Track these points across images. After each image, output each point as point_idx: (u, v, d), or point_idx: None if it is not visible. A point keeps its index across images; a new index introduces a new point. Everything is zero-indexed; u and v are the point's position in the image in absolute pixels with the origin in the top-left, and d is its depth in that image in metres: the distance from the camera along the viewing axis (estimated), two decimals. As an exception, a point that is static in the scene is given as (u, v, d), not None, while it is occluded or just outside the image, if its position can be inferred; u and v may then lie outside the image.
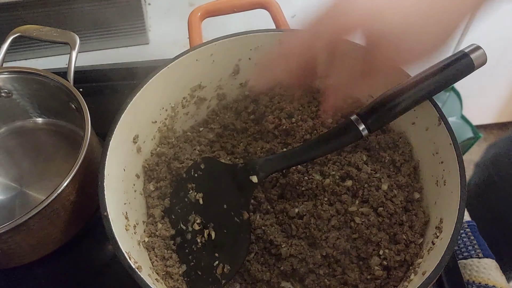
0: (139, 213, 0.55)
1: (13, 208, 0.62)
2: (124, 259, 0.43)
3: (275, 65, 0.46)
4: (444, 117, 0.52)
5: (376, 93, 0.61)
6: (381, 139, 0.60)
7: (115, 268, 0.60)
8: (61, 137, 0.69)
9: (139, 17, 0.83)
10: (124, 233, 0.49)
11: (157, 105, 0.59)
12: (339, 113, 0.62)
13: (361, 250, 0.52)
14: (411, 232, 0.52)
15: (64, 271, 0.60)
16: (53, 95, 0.63)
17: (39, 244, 0.55)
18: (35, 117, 0.70)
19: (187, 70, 0.59)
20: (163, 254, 0.52)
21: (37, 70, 0.62)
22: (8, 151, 0.68)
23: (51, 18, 0.79)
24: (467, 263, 0.60)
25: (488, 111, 1.67)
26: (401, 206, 0.54)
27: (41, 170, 0.66)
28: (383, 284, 0.50)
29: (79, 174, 0.53)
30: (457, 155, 0.49)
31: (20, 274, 0.59)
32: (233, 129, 0.64)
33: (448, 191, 0.49)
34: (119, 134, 0.52)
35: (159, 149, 0.60)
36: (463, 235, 0.63)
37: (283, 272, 0.52)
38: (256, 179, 0.50)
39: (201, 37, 0.65)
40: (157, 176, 0.58)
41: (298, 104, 0.63)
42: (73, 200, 0.54)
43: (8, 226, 0.49)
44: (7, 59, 0.65)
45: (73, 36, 0.64)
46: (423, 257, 0.49)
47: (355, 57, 0.42)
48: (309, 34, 0.42)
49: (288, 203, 0.55)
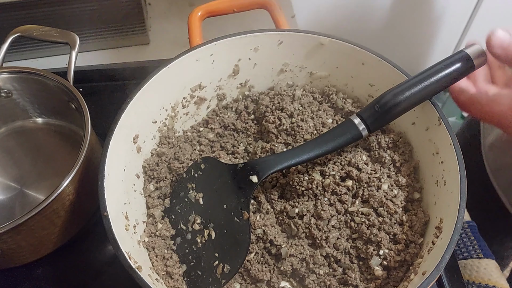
0: (139, 213, 0.55)
1: (13, 208, 0.62)
2: (124, 259, 0.43)
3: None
4: (444, 117, 0.52)
5: (376, 93, 0.62)
6: (381, 139, 0.60)
7: (115, 268, 0.60)
8: (61, 137, 0.69)
9: (139, 17, 0.83)
10: (124, 233, 0.49)
11: (157, 105, 0.59)
12: (339, 114, 0.62)
13: (361, 250, 0.52)
14: (411, 232, 0.52)
15: (64, 271, 0.60)
16: (53, 95, 0.63)
17: (39, 244, 0.55)
18: (35, 117, 0.70)
19: (187, 70, 0.59)
20: (163, 254, 0.52)
21: (37, 70, 0.62)
22: (8, 151, 0.68)
23: (51, 18, 0.79)
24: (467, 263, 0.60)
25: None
26: (401, 206, 0.54)
27: (41, 170, 0.66)
28: (383, 284, 0.50)
29: (79, 174, 0.53)
30: (457, 155, 0.49)
31: (20, 274, 0.59)
32: (233, 129, 0.64)
33: (448, 191, 0.49)
34: (119, 134, 0.52)
35: (159, 149, 0.60)
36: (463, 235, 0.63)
37: (283, 272, 0.52)
38: (256, 179, 0.50)
39: (201, 37, 0.65)
40: (157, 176, 0.58)
41: (298, 104, 0.63)
42: (73, 200, 0.54)
43: (8, 226, 0.49)
44: (7, 59, 0.65)
45: (73, 36, 0.64)
46: (423, 257, 0.49)
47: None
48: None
49: (288, 203, 0.55)
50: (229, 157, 0.61)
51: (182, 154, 0.59)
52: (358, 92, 0.64)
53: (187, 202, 0.54)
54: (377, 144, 0.59)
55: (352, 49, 0.60)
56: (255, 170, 0.51)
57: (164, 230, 0.54)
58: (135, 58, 0.85)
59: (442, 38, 1.33)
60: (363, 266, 0.52)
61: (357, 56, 0.60)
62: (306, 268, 0.51)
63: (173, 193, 0.57)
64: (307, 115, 0.62)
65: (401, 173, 0.57)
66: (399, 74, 0.57)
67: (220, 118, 0.64)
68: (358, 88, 0.64)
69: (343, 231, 0.53)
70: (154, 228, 0.54)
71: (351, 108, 0.63)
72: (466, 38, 1.32)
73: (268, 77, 0.66)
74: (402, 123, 0.60)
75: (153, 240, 0.53)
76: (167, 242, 0.54)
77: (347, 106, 0.63)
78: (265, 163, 0.51)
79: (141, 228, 0.54)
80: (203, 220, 0.53)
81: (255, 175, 0.50)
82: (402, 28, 1.27)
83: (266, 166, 0.51)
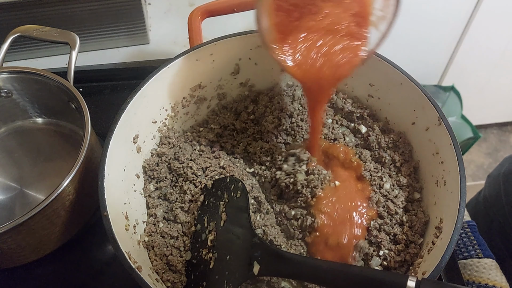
0: (139, 213, 0.55)
1: (13, 208, 0.62)
2: (124, 259, 0.43)
3: None
4: (444, 117, 0.52)
5: (376, 93, 0.62)
6: (381, 139, 0.60)
7: (115, 268, 0.60)
8: (61, 137, 0.69)
9: (139, 17, 0.83)
10: (124, 233, 0.49)
11: (157, 105, 0.59)
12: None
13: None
14: (411, 232, 0.52)
15: (64, 271, 0.60)
16: (53, 95, 0.63)
17: (39, 244, 0.55)
18: (35, 117, 0.70)
19: (187, 70, 0.59)
20: (163, 252, 0.52)
21: (37, 70, 0.62)
22: (8, 151, 0.68)
23: (51, 18, 0.79)
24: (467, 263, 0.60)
25: (488, 111, 1.67)
26: (402, 206, 0.54)
27: (41, 170, 0.66)
28: (383, 284, 0.50)
29: (79, 174, 0.53)
30: (457, 155, 0.49)
31: (20, 274, 0.59)
32: (233, 129, 0.64)
33: (448, 191, 0.49)
34: (119, 134, 0.52)
35: (159, 149, 0.60)
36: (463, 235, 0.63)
37: (283, 272, 0.52)
38: (256, 270, 0.45)
39: (201, 37, 0.65)
40: (157, 176, 0.58)
41: (298, 104, 0.63)
42: (73, 200, 0.54)
43: (8, 226, 0.49)
44: (7, 59, 0.65)
45: (73, 36, 0.64)
46: (423, 257, 0.49)
47: None
48: None
49: (287, 204, 0.55)
50: (229, 157, 0.61)
51: (182, 154, 0.59)
52: (358, 92, 0.64)
53: (214, 212, 0.53)
54: (377, 144, 0.59)
55: (352, 49, 0.59)
56: (262, 260, 0.45)
57: (165, 229, 0.54)
58: (135, 58, 0.85)
59: (442, 38, 1.33)
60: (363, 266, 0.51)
61: (357, 56, 0.60)
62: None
63: (213, 187, 0.55)
64: (307, 115, 0.62)
65: (401, 173, 0.57)
66: (399, 74, 0.57)
67: (220, 118, 0.64)
68: (358, 88, 0.63)
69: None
70: (154, 227, 0.54)
71: (351, 108, 0.63)
72: (466, 38, 1.32)
73: (268, 77, 0.66)
74: (402, 123, 0.60)
75: (153, 240, 0.53)
76: (167, 241, 0.54)
77: (347, 106, 0.63)
78: (274, 262, 0.44)
79: (141, 228, 0.54)
80: (216, 238, 0.51)
81: (259, 265, 0.45)
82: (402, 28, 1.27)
83: (273, 266, 0.44)
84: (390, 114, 0.62)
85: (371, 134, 0.61)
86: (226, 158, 0.60)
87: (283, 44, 0.48)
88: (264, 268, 0.44)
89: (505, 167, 0.81)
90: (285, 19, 0.47)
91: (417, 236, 0.52)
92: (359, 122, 0.63)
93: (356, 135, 0.62)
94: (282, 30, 0.47)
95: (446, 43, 1.37)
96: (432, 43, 1.35)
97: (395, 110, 0.60)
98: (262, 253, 0.45)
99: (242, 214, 0.50)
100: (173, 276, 0.50)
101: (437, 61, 1.44)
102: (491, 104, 1.62)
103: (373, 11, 0.48)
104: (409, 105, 0.57)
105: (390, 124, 0.62)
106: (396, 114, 0.61)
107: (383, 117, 0.63)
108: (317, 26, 0.47)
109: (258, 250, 0.45)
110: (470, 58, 1.40)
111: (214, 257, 0.49)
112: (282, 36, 0.48)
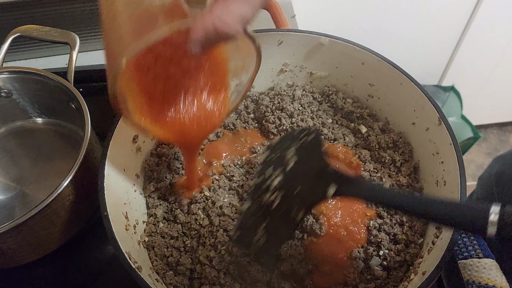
0: (139, 213, 0.55)
1: (13, 208, 0.62)
2: (124, 259, 0.43)
3: None
4: (444, 117, 0.52)
5: (375, 93, 0.62)
6: (381, 139, 0.60)
7: (115, 268, 0.60)
8: (61, 137, 0.69)
9: (139, 17, 0.83)
10: (124, 233, 0.49)
11: (157, 105, 0.59)
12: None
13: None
14: (411, 232, 0.52)
15: (64, 271, 0.60)
16: (53, 95, 0.63)
17: (39, 244, 0.55)
18: (35, 117, 0.70)
19: (187, 70, 0.59)
20: (163, 253, 0.52)
21: (37, 70, 0.62)
22: (8, 151, 0.68)
23: (51, 18, 0.79)
24: (467, 263, 0.60)
25: (488, 111, 1.67)
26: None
27: (41, 170, 0.66)
28: (383, 284, 0.50)
29: (79, 174, 0.53)
30: (457, 155, 0.49)
31: (20, 274, 0.59)
32: (233, 129, 0.64)
33: (448, 191, 0.49)
34: (119, 134, 0.52)
35: (159, 149, 0.60)
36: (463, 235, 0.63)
37: (283, 273, 0.52)
38: (333, 191, 0.46)
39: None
40: (157, 176, 0.58)
41: (298, 104, 0.63)
42: (73, 200, 0.54)
43: (8, 226, 0.49)
44: (7, 59, 0.65)
45: (73, 36, 0.64)
46: (423, 257, 0.49)
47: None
48: None
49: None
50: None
51: (182, 154, 0.59)
52: (358, 92, 0.64)
53: (281, 158, 0.52)
54: (377, 144, 0.59)
55: (352, 49, 0.60)
56: (338, 183, 0.46)
57: (165, 229, 0.54)
58: (135, 58, 0.85)
59: (442, 38, 1.33)
60: (363, 266, 0.51)
61: (357, 56, 0.60)
62: (305, 268, 0.51)
63: (280, 142, 0.54)
64: (307, 115, 0.62)
65: (401, 173, 0.57)
66: (399, 74, 0.57)
67: (220, 118, 0.64)
68: (358, 88, 0.64)
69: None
70: (154, 227, 0.54)
71: (351, 108, 0.63)
72: (466, 38, 1.32)
73: (268, 77, 0.66)
74: (402, 123, 0.60)
75: (153, 240, 0.53)
76: (167, 241, 0.53)
77: (347, 106, 0.63)
78: (351, 186, 0.46)
79: (141, 228, 0.54)
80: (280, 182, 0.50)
81: (335, 186, 0.46)
82: (402, 28, 1.27)
83: (348, 189, 0.46)
84: (390, 114, 0.62)
85: (371, 134, 0.61)
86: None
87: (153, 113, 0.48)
88: (339, 189, 0.46)
89: (495, 168, 0.80)
90: (150, 94, 0.47)
91: (417, 236, 0.52)
92: (359, 122, 0.63)
93: (356, 135, 0.62)
94: (150, 103, 0.47)
95: (446, 43, 1.37)
96: (432, 43, 1.35)
97: (395, 110, 0.61)
98: (337, 178, 0.47)
99: (315, 150, 0.50)
100: (175, 279, 0.50)
101: (437, 61, 1.44)
102: (491, 104, 1.62)
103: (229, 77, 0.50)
104: (409, 105, 0.57)
105: (390, 124, 0.62)
106: (396, 114, 0.61)
107: (383, 117, 0.63)
108: (183, 91, 0.49)
109: (333, 176, 0.47)
110: (470, 58, 1.40)
111: (280, 194, 0.49)
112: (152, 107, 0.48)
